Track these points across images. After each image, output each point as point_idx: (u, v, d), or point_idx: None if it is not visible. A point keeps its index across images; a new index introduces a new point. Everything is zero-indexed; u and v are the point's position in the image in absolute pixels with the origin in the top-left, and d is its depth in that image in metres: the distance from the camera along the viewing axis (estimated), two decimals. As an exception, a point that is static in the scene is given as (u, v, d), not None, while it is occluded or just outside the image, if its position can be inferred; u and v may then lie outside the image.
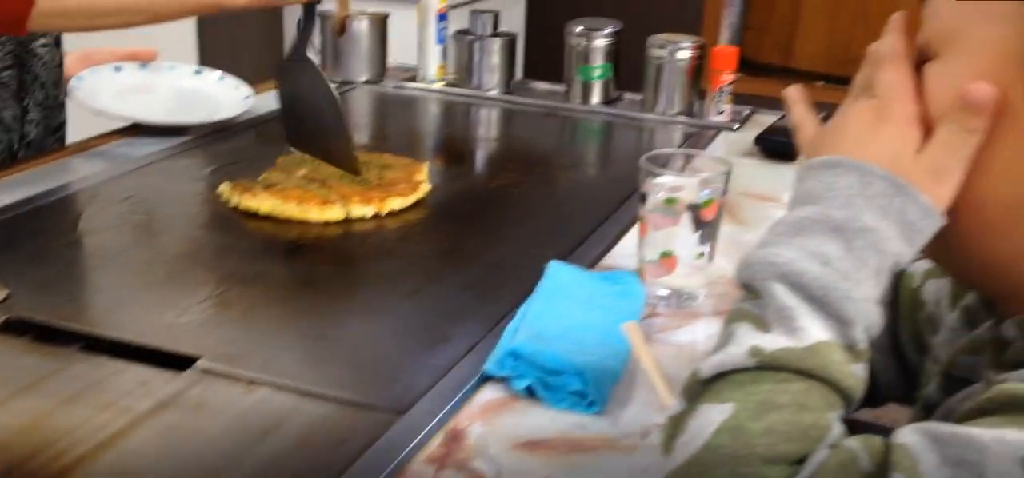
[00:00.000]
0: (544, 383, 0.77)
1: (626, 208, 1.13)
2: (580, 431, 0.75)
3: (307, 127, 1.18)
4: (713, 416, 0.48)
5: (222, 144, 1.34)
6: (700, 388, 0.50)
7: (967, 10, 0.50)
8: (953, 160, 0.50)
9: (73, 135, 1.38)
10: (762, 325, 0.50)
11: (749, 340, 0.49)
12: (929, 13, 0.52)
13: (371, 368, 0.82)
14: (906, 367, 0.70)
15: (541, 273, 0.94)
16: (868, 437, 0.48)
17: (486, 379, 0.80)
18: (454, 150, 1.48)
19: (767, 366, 0.48)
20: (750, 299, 0.51)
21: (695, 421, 0.49)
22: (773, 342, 0.49)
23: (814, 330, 0.49)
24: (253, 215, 1.09)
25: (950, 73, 0.51)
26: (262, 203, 1.09)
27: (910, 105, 0.52)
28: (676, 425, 0.50)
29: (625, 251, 1.04)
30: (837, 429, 0.49)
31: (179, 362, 0.81)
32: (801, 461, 0.47)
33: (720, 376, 0.50)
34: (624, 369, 0.81)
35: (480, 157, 1.45)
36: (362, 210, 1.10)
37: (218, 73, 1.49)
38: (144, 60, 1.44)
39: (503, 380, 0.79)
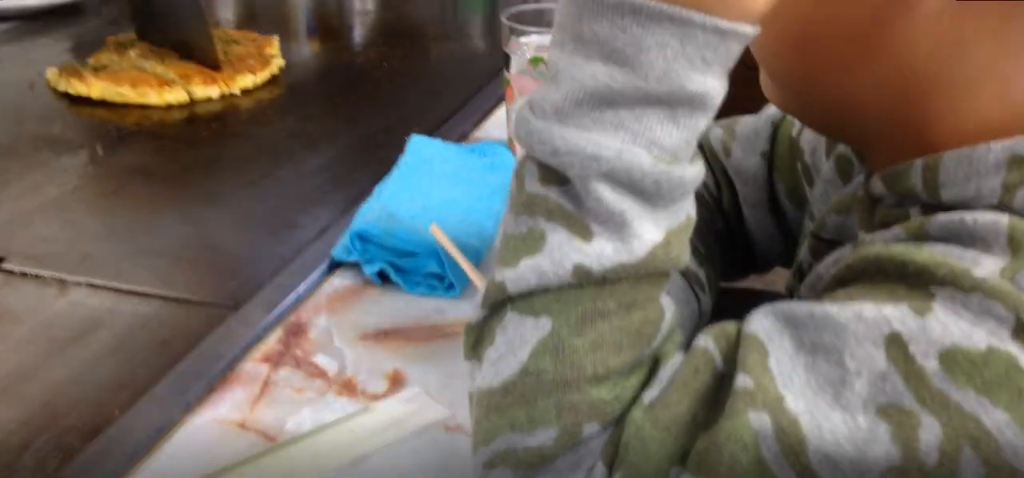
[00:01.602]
0: (396, 266, 0.70)
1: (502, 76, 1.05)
2: (437, 316, 0.68)
3: (160, 16, 1.06)
4: (527, 331, 0.40)
5: (62, 28, 1.20)
6: (504, 297, 0.41)
7: None
8: None
9: None
10: (582, 230, 0.40)
11: (570, 255, 0.40)
12: None
13: (204, 262, 0.73)
14: (786, 225, 0.65)
15: (403, 151, 0.86)
16: (722, 328, 0.42)
17: (336, 266, 0.72)
18: (321, 25, 1.37)
19: (594, 284, 0.40)
20: (555, 186, 0.41)
21: (504, 333, 0.41)
22: (600, 257, 0.40)
23: (648, 232, 0.40)
24: (86, 101, 0.98)
25: None
26: (92, 87, 0.98)
27: None
28: (479, 332, 0.42)
29: (497, 122, 0.96)
30: (669, 313, 0.42)
31: (-20, 266, 0.71)
32: (633, 368, 0.41)
33: None
34: (488, 248, 0.74)
35: (348, 31, 1.34)
36: (206, 91, 0.99)
37: None
38: None
39: (355, 267, 0.72)
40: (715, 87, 0.40)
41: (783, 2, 0.40)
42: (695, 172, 0.41)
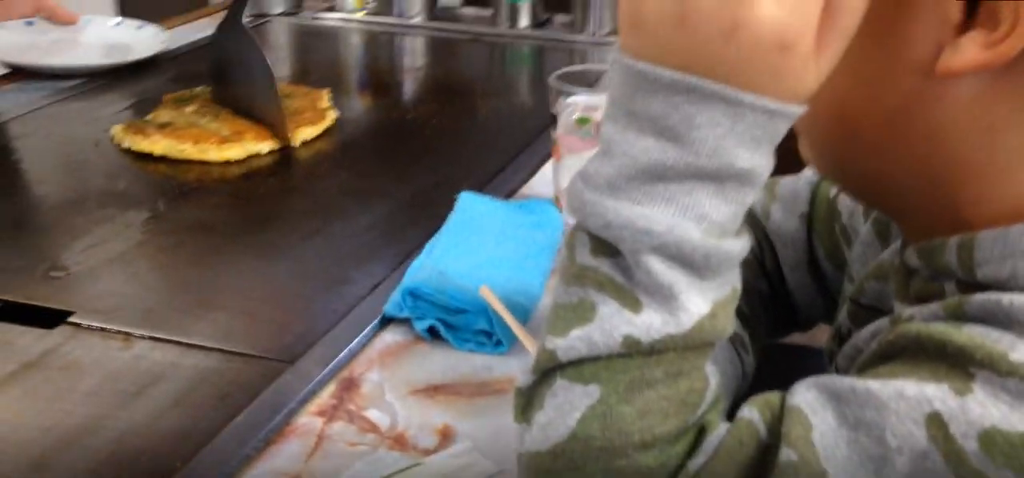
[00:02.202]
0: (446, 323, 0.72)
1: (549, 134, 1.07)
2: (486, 373, 0.69)
3: (237, 95, 1.11)
4: (576, 398, 0.42)
5: (127, 86, 1.25)
6: (554, 364, 0.43)
7: None
8: (829, 37, 0.40)
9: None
10: (631, 303, 0.42)
11: (620, 326, 0.41)
12: None
13: (261, 316, 0.76)
14: (825, 284, 0.66)
15: (453, 207, 0.88)
16: (767, 399, 0.43)
17: (387, 322, 0.74)
18: (373, 81, 1.40)
19: (642, 353, 0.42)
20: (606, 258, 0.43)
21: (554, 399, 0.42)
22: (649, 329, 0.41)
23: (695, 304, 0.42)
24: (148, 157, 1.02)
25: None
26: (156, 144, 1.02)
27: None
28: (529, 398, 0.44)
29: (545, 179, 0.98)
30: (714, 382, 0.44)
31: (49, 318, 0.74)
32: (679, 435, 0.42)
33: None
34: (536, 305, 0.76)
35: (399, 88, 1.38)
36: (261, 145, 1.03)
37: (137, 23, 1.40)
38: (61, 22, 1.36)
39: (405, 322, 0.74)
40: (763, 164, 0.42)
41: (824, 80, 0.42)
42: (742, 245, 0.43)
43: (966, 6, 0.40)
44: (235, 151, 1.02)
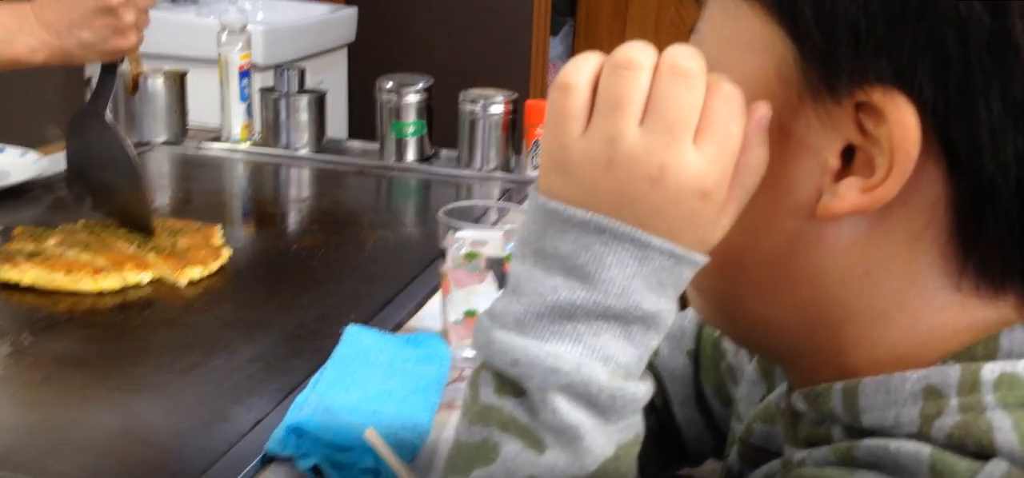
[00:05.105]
0: (332, 461, 0.69)
1: (436, 267, 1.07)
2: (372, 513, 0.67)
3: (98, 187, 1.10)
4: None
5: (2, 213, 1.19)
6: None
7: (728, 40, 0.44)
8: (734, 193, 0.42)
9: None
10: (536, 443, 0.42)
11: (523, 468, 0.41)
12: (694, 43, 0.45)
13: (132, 456, 0.72)
14: (714, 420, 0.67)
15: (339, 340, 0.86)
16: None
17: (269, 460, 0.71)
18: (258, 212, 1.38)
19: None
20: (510, 397, 0.42)
21: None
22: (552, 471, 0.41)
23: (599, 447, 0.42)
24: (16, 288, 0.97)
25: None
26: (24, 274, 0.97)
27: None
28: None
29: (432, 312, 0.97)
30: None
31: None
32: None
33: None
34: (424, 442, 0.74)
35: (285, 219, 1.36)
36: (138, 276, 0.99)
37: (21, 150, 1.35)
38: None
39: (288, 461, 0.71)
40: (667, 308, 0.43)
41: None
42: (646, 389, 0.43)
43: (844, 153, 0.42)
44: (111, 281, 0.97)
